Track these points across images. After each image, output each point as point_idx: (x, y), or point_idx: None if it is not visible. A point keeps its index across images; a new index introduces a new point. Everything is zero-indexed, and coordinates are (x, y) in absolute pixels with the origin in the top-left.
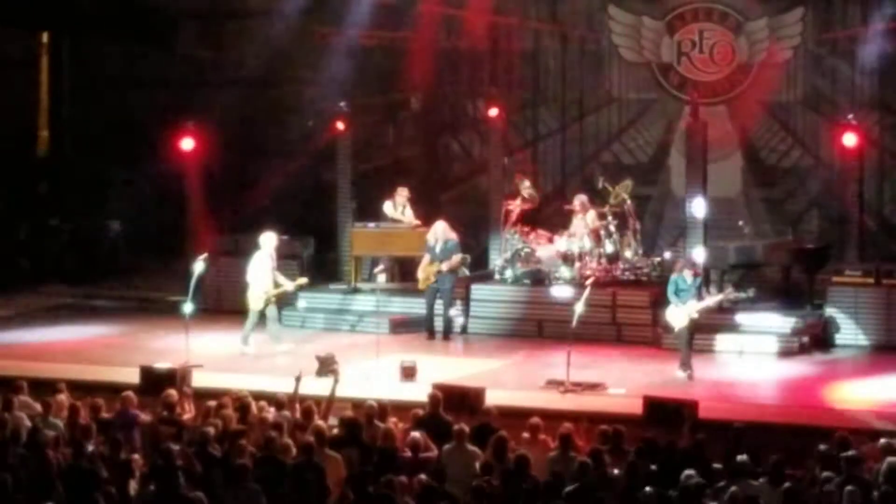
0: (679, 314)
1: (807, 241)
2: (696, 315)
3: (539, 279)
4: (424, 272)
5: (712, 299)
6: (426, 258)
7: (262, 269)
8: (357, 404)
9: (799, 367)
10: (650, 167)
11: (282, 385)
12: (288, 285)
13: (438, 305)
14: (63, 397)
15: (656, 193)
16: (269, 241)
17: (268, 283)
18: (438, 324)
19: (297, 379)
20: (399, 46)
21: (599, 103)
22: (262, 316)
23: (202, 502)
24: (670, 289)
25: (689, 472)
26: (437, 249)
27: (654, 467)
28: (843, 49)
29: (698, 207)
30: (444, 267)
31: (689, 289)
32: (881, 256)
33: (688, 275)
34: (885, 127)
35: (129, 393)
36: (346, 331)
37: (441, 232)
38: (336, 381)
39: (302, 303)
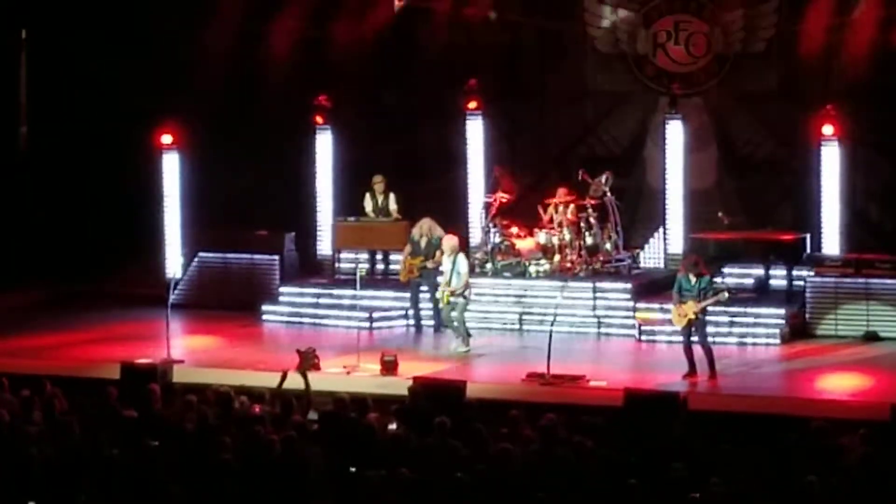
0: (677, 314)
1: (785, 233)
2: (693, 316)
3: (519, 272)
4: (406, 265)
5: (709, 300)
6: (407, 249)
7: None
8: (337, 398)
9: (779, 359)
10: (626, 159)
11: (262, 380)
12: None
13: (423, 301)
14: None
15: (632, 186)
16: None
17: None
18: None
19: (283, 376)
20: (375, 40)
21: (575, 95)
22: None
23: (182, 497)
24: (674, 288)
25: (675, 464)
26: (423, 245)
27: (634, 459)
28: (817, 40)
29: None
30: (430, 264)
31: (692, 289)
32: (855, 248)
33: (692, 276)
34: (858, 118)
35: (111, 388)
36: (328, 324)
37: (427, 228)
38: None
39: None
